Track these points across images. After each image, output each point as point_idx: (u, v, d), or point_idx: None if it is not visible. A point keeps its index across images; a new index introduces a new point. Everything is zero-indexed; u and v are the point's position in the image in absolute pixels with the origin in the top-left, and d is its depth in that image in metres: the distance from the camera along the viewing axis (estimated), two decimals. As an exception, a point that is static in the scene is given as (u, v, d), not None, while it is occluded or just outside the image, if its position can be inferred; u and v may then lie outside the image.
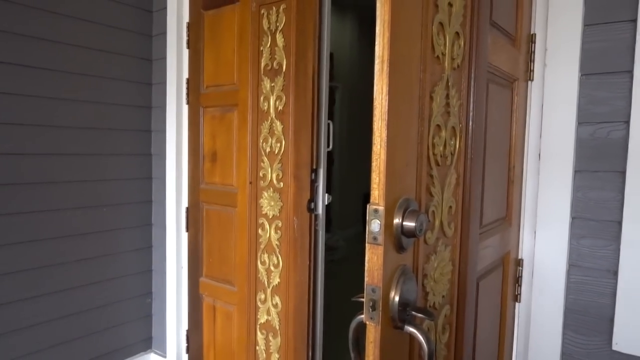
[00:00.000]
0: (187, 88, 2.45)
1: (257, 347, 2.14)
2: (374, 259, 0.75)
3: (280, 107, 1.98)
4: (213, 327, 2.38)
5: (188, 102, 2.45)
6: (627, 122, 1.33)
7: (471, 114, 1.03)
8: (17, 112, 2.09)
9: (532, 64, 1.47)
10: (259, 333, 2.13)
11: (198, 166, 2.41)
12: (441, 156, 0.94)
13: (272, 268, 2.05)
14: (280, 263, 2.02)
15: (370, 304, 0.75)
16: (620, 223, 1.34)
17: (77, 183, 2.33)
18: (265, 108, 2.03)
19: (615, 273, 1.35)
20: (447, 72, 0.94)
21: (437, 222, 0.95)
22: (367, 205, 0.75)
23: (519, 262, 1.52)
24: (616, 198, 1.36)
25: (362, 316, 0.78)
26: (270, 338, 2.08)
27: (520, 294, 1.53)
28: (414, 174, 0.84)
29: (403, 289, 0.78)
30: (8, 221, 2.08)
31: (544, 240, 1.46)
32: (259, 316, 2.13)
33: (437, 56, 0.89)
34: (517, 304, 1.54)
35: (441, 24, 0.90)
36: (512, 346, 1.54)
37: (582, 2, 1.39)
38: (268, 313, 2.09)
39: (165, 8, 2.52)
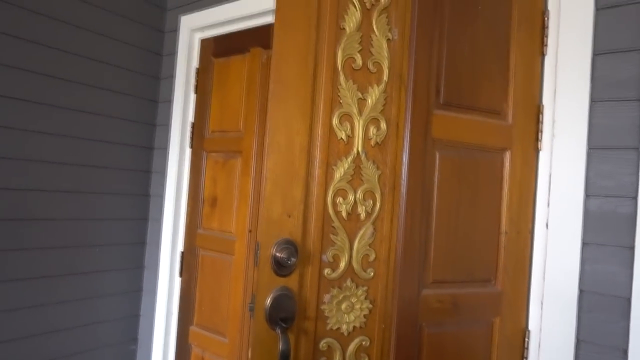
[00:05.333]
0: (192, 131, 2.45)
1: (245, 405, 2.04)
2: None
3: (285, 158, 1.97)
4: (200, 379, 2.28)
5: (191, 146, 2.45)
6: (635, 199, 1.33)
7: (404, 181, 1.29)
8: (16, 148, 2.06)
9: (540, 134, 1.49)
10: (248, 389, 2.04)
11: (197, 210, 2.38)
12: (349, 214, 1.22)
13: (266, 321, 1.99)
14: (276, 317, 1.95)
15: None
16: (629, 300, 1.32)
17: (69, 221, 2.26)
18: (270, 157, 2.03)
19: (625, 352, 1.32)
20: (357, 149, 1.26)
21: (342, 264, 1.23)
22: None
23: (525, 334, 1.48)
24: (625, 273, 1.34)
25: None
26: (260, 395, 1.99)
27: (525, 366, 1.48)
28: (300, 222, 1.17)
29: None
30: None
31: (551, 313, 1.43)
32: (249, 371, 2.05)
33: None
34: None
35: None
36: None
37: (589, 79, 1.41)
38: (259, 368, 2.00)
39: (174, 53, 2.56)
